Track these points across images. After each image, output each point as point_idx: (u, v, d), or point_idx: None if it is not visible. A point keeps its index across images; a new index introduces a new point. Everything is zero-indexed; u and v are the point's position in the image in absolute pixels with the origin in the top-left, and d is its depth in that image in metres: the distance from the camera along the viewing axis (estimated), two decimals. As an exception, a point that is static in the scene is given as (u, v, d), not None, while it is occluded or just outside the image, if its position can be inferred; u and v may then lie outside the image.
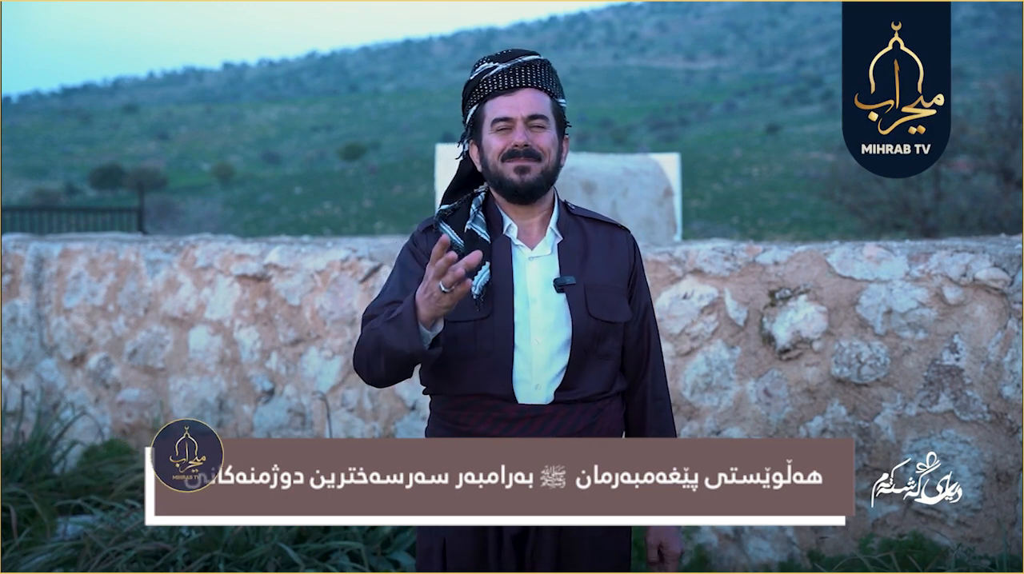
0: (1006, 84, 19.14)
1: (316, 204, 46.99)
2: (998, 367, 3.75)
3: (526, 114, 2.43)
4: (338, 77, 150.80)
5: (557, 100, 2.49)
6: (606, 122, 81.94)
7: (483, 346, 2.41)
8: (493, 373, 2.41)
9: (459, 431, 2.45)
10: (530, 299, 2.43)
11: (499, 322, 2.41)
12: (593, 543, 2.45)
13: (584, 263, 2.48)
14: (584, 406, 2.44)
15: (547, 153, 2.44)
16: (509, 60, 2.47)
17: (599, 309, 2.44)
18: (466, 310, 2.40)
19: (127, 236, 6.30)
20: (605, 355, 2.47)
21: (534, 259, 2.47)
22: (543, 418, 2.41)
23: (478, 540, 2.43)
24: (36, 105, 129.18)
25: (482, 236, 2.45)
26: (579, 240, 2.51)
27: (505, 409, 2.41)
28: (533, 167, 2.42)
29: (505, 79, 2.44)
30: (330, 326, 4.94)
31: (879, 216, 19.60)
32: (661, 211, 7.72)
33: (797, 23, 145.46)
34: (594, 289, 2.45)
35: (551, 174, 2.46)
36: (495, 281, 2.43)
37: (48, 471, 5.04)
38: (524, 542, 2.44)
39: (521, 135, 2.42)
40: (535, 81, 2.45)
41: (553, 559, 2.43)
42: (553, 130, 2.47)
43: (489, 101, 2.46)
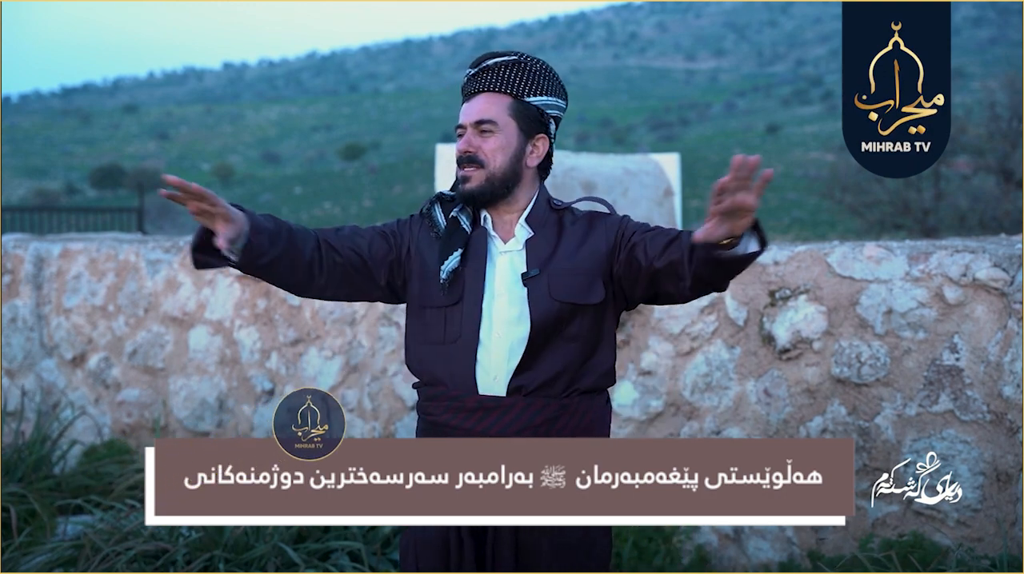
0: (1006, 84, 19.13)
1: (316, 204, 46.98)
2: (998, 367, 3.75)
3: (474, 119, 2.48)
4: (338, 77, 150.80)
5: (523, 100, 2.48)
6: (606, 122, 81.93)
7: (451, 333, 2.45)
8: (457, 360, 2.44)
9: (428, 422, 2.50)
10: (496, 293, 2.46)
11: (467, 311, 2.45)
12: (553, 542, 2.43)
13: (552, 256, 2.48)
14: (544, 401, 2.42)
15: (491, 158, 2.46)
16: (477, 65, 2.52)
17: (562, 291, 2.44)
18: (437, 296, 2.47)
19: (127, 236, 6.30)
20: (571, 338, 2.45)
21: (504, 254, 2.50)
22: (500, 410, 2.42)
23: (441, 539, 2.44)
24: (36, 105, 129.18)
25: (464, 225, 2.50)
26: (552, 234, 2.51)
27: (464, 399, 2.44)
28: (474, 175, 2.46)
29: (469, 85, 2.52)
30: (330, 326, 4.95)
31: (879, 216, 19.58)
32: (661, 211, 7.72)
33: (797, 23, 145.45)
34: (557, 274, 2.45)
35: (499, 178, 2.47)
36: (468, 271, 2.47)
37: (48, 471, 5.03)
38: (484, 538, 2.44)
39: (464, 143, 2.48)
40: (492, 85, 2.48)
41: (513, 556, 2.43)
42: (506, 134, 2.47)
43: (462, 106, 2.53)
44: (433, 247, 2.52)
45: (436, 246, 2.51)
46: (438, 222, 2.53)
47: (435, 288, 2.47)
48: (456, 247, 2.47)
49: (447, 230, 2.50)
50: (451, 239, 2.49)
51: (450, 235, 2.49)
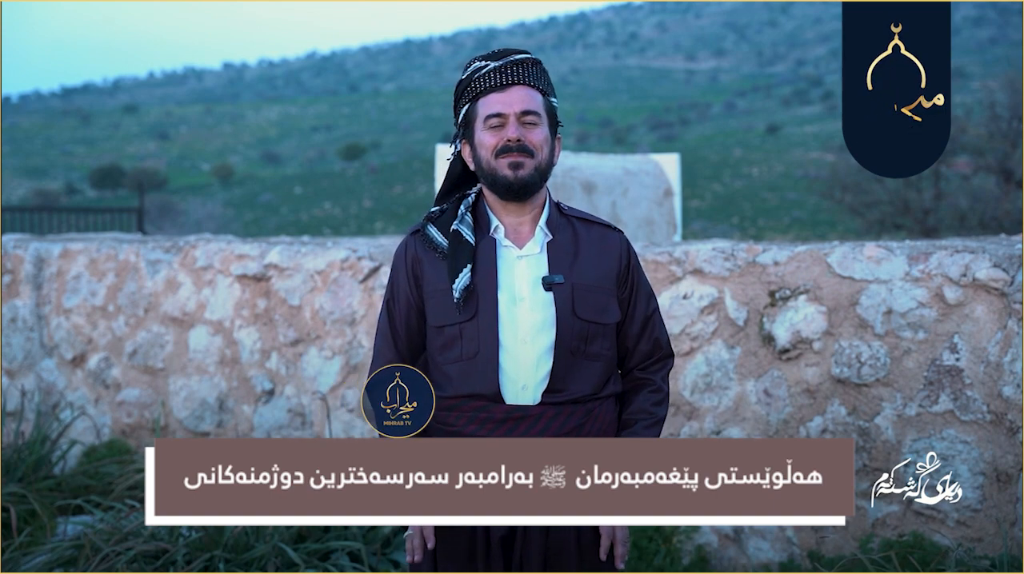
0: (1006, 84, 19.13)
1: (316, 204, 46.97)
2: (998, 367, 3.75)
3: (519, 110, 2.43)
4: (338, 77, 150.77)
5: (549, 99, 2.50)
6: (606, 122, 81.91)
7: (469, 348, 2.42)
8: (480, 374, 2.41)
9: (447, 432, 2.45)
10: (517, 298, 2.43)
11: (484, 323, 2.41)
12: (581, 543, 2.44)
13: (574, 262, 2.47)
14: (573, 407, 2.44)
15: (540, 149, 2.44)
16: (501, 58, 2.47)
17: (586, 310, 2.44)
18: (451, 313, 2.42)
19: (127, 236, 6.30)
20: (594, 356, 2.47)
21: (523, 258, 2.46)
22: (531, 419, 2.41)
23: (468, 541, 2.43)
24: (36, 105, 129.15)
25: (467, 237, 2.45)
26: (570, 239, 2.50)
27: (492, 410, 2.42)
28: (527, 163, 2.42)
29: (498, 76, 2.45)
30: (330, 326, 4.95)
31: (879, 216, 19.59)
32: (661, 211, 7.72)
33: (797, 23, 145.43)
34: (582, 289, 2.45)
35: (544, 171, 2.46)
36: (478, 283, 2.43)
37: (48, 471, 5.03)
38: (512, 543, 2.43)
39: (514, 130, 2.42)
40: (527, 78, 2.46)
41: (542, 559, 2.43)
42: (546, 127, 2.47)
43: (482, 99, 2.46)
44: (437, 265, 2.47)
45: (440, 264, 2.47)
46: (438, 243, 2.48)
47: (448, 306, 2.43)
48: (465, 262, 2.43)
49: (451, 246, 2.45)
50: (457, 255, 2.44)
51: (455, 251, 2.44)
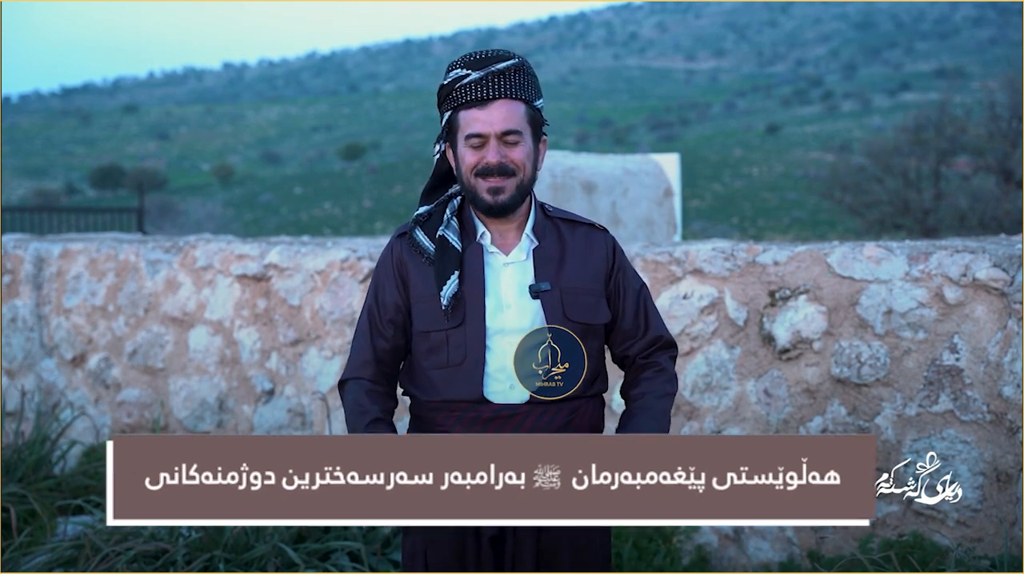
0: (1006, 84, 19.15)
1: (316, 204, 46.98)
2: (998, 367, 3.75)
3: (500, 130, 2.37)
4: (338, 77, 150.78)
5: (532, 105, 2.44)
6: (606, 122, 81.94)
7: (456, 355, 2.41)
8: (466, 381, 2.41)
9: (436, 432, 2.44)
10: (504, 305, 2.42)
11: (471, 331, 2.40)
12: (573, 544, 2.43)
13: (560, 268, 2.46)
14: (559, 405, 2.43)
15: (522, 167, 2.40)
16: (482, 68, 2.39)
17: (576, 312, 2.43)
18: (438, 320, 2.41)
19: (127, 236, 6.30)
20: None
21: (509, 265, 2.45)
22: (518, 417, 2.41)
23: (457, 541, 2.42)
24: (36, 105, 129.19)
25: (453, 243, 2.43)
26: (555, 244, 2.48)
27: (479, 409, 2.41)
28: (507, 185, 2.39)
29: (478, 90, 2.38)
30: (330, 326, 4.95)
31: (879, 216, 19.61)
32: (661, 211, 7.72)
33: (797, 23, 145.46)
34: (570, 292, 2.44)
35: (526, 187, 2.43)
36: (466, 290, 2.42)
37: (48, 471, 5.03)
38: (503, 544, 2.42)
39: (494, 154, 2.37)
40: (509, 90, 2.39)
41: (534, 560, 2.41)
42: (528, 140, 2.42)
43: (463, 111, 2.40)
44: (423, 270, 2.46)
45: (427, 269, 2.45)
46: (425, 247, 2.46)
47: (435, 312, 2.42)
48: (452, 270, 2.41)
49: (438, 252, 2.44)
50: (444, 261, 2.42)
51: (442, 257, 2.42)
